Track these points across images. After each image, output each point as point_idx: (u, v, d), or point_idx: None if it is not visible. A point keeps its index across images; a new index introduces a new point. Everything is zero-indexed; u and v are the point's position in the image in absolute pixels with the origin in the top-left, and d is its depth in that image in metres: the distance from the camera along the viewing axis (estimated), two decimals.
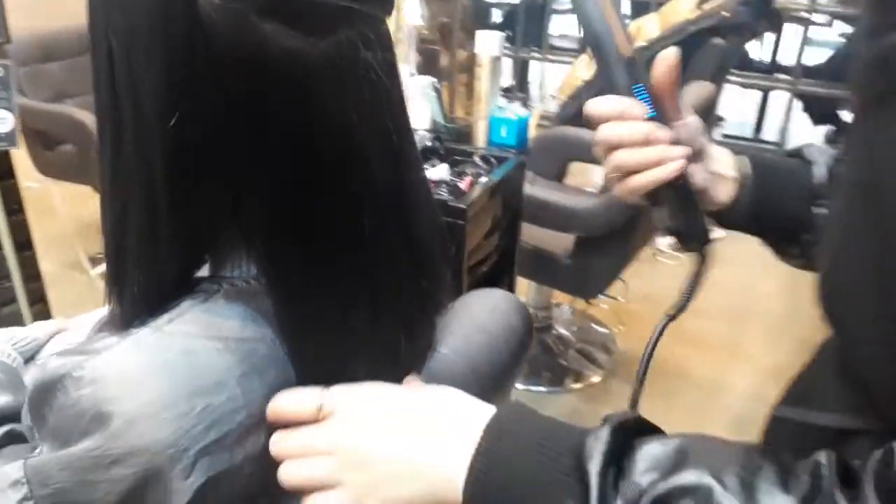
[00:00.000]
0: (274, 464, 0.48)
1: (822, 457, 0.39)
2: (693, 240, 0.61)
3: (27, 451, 0.53)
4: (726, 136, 4.17)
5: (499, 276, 1.58)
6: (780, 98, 4.17)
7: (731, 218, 0.65)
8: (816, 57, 3.97)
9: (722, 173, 0.64)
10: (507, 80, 4.39)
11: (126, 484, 0.44)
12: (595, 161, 2.34)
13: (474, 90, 1.53)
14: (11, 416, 0.62)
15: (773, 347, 2.32)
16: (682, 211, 0.59)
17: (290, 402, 0.48)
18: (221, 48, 0.41)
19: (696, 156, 0.61)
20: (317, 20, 0.42)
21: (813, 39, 3.84)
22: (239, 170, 0.44)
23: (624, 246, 1.85)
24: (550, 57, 4.27)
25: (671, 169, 0.56)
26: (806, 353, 0.61)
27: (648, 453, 0.41)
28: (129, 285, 0.48)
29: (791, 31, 3.88)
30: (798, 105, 3.93)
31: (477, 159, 1.48)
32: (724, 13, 2.58)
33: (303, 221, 0.46)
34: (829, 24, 4.29)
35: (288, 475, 0.47)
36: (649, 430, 0.44)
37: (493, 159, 1.48)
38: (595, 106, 0.57)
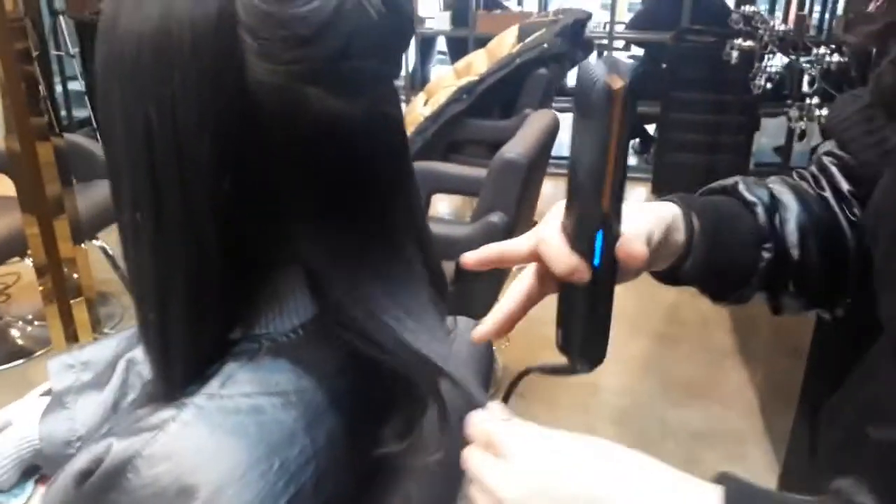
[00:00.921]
0: (355, 498, 0.49)
1: None
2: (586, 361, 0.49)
3: None
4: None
5: None
6: None
7: (681, 277, 0.61)
8: None
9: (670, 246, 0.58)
10: None
11: None
12: (456, 192, 2.43)
13: None
14: None
15: (634, 343, 2.54)
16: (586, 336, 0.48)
17: (469, 426, 0.46)
18: (268, 111, 0.43)
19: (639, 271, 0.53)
20: (353, 83, 0.44)
21: None
22: (290, 222, 0.46)
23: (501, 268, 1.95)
24: None
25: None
26: (664, 343, 0.63)
27: None
28: (175, 354, 0.48)
29: (594, 57, 4.30)
30: None
31: None
32: (544, 45, 2.82)
33: (358, 257, 0.48)
34: (628, 49, 4.79)
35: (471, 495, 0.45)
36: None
37: None
38: (546, 252, 0.46)
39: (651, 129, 4.45)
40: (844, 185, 0.66)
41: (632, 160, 4.52)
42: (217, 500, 0.43)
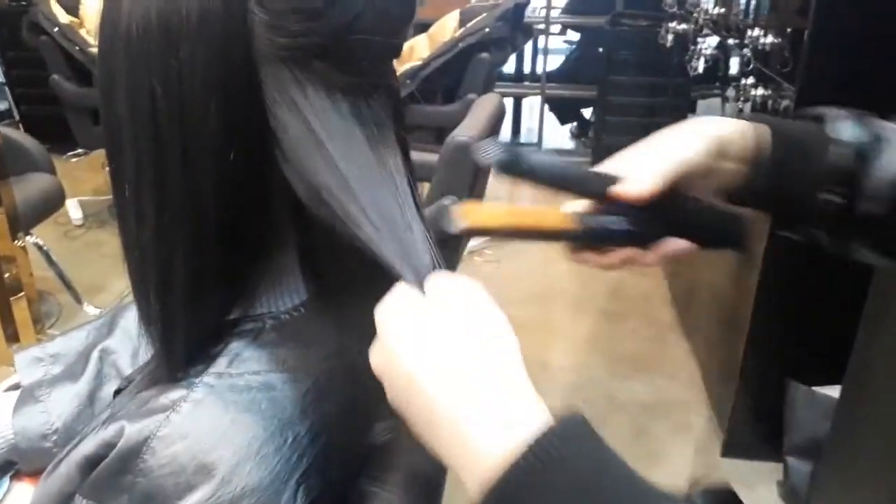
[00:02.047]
0: (359, 475, 0.50)
1: None
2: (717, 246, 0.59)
3: None
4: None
5: None
6: (529, 103, 4.64)
7: (741, 197, 0.58)
8: (552, 63, 4.47)
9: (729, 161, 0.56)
10: None
11: None
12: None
13: None
14: None
15: (580, 321, 2.61)
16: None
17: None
18: (275, 83, 0.43)
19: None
20: (360, 57, 0.45)
21: (549, 48, 4.33)
22: (291, 197, 0.47)
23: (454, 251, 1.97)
24: None
25: None
26: (609, 320, 0.61)
27: None
28: (177, 333, 0.48)
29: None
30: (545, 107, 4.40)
31: None
32: (486, 29, 2.84)
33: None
34: (564, 33, 4.86)
35: None
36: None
37: None
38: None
39: (587, 112, 4.53)
40: None
41: (570, 143, 4.61)
42: (235, 477, 0.44)
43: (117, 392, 0.65)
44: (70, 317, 2.55)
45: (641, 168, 0.53)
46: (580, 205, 0.54)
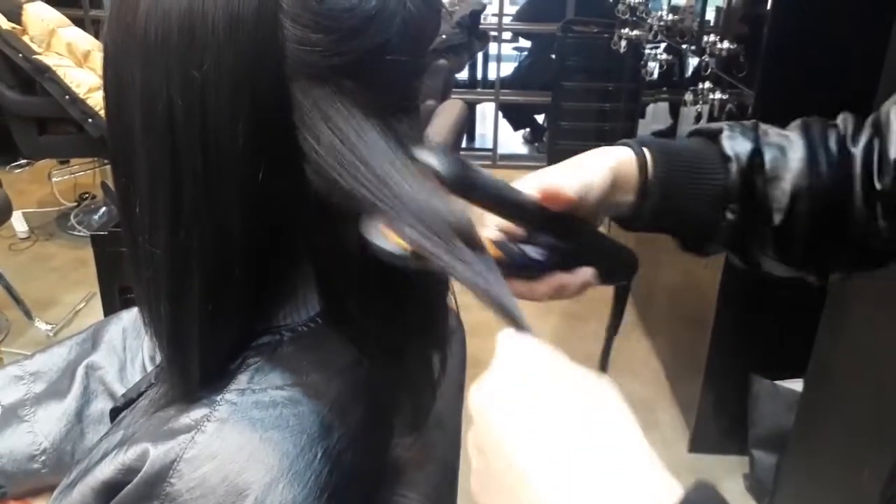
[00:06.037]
0: (382, 489, 0.49)
1: None
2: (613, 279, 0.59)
3: None
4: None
5: None
6: (482, 109, 4.67)
7: (635, 224, 0.60)
8: (504, 69, 4.50)
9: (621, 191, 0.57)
10: None
11: None
12: None
13: None
14: None
15: (544, 323, 2.63)
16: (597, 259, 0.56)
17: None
18: (306, 100, 0.42)
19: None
20: (390, 77, 0.44)
21: (500, 55, 4.37)
22: (316, 214, 0.45)
23: None
24: None
25: None
26: (573, 321, 0.63)
27: None
28: (192, 354, 0.46)
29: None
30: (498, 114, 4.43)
31: None
32: (443, 35, 2.85)
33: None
34: (516, 40, 4.91)
35: None
36: None
37: None
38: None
39: (540, 118, 4.58)
40: None
41: (523, 149, 4.65)
42: (269, 497, 0.42)
43: (114, 411, 0.62)
44: (20, 332, 2.45)
45: (559, 183, 0.53)
46: (496, 233, 0.54)
